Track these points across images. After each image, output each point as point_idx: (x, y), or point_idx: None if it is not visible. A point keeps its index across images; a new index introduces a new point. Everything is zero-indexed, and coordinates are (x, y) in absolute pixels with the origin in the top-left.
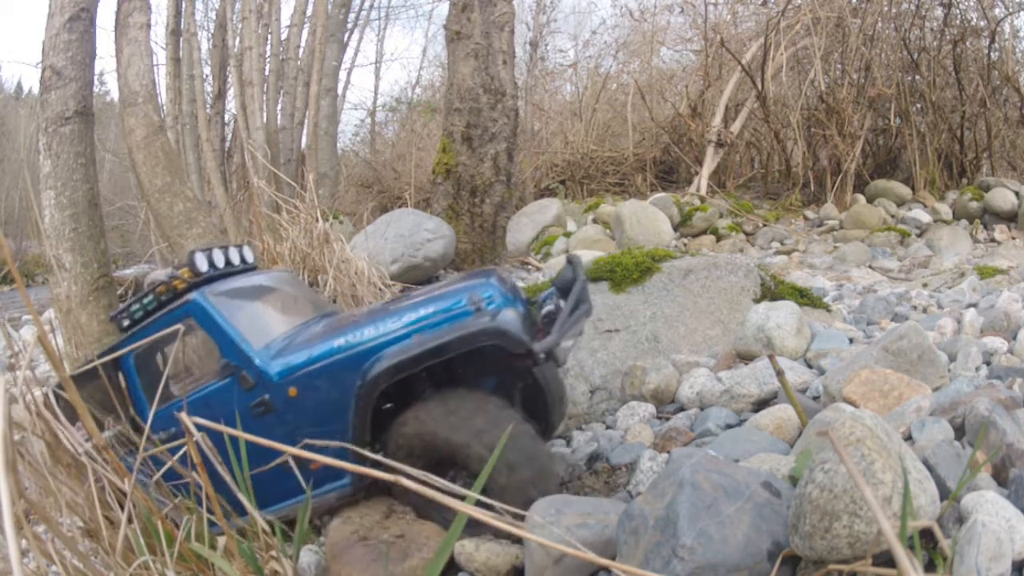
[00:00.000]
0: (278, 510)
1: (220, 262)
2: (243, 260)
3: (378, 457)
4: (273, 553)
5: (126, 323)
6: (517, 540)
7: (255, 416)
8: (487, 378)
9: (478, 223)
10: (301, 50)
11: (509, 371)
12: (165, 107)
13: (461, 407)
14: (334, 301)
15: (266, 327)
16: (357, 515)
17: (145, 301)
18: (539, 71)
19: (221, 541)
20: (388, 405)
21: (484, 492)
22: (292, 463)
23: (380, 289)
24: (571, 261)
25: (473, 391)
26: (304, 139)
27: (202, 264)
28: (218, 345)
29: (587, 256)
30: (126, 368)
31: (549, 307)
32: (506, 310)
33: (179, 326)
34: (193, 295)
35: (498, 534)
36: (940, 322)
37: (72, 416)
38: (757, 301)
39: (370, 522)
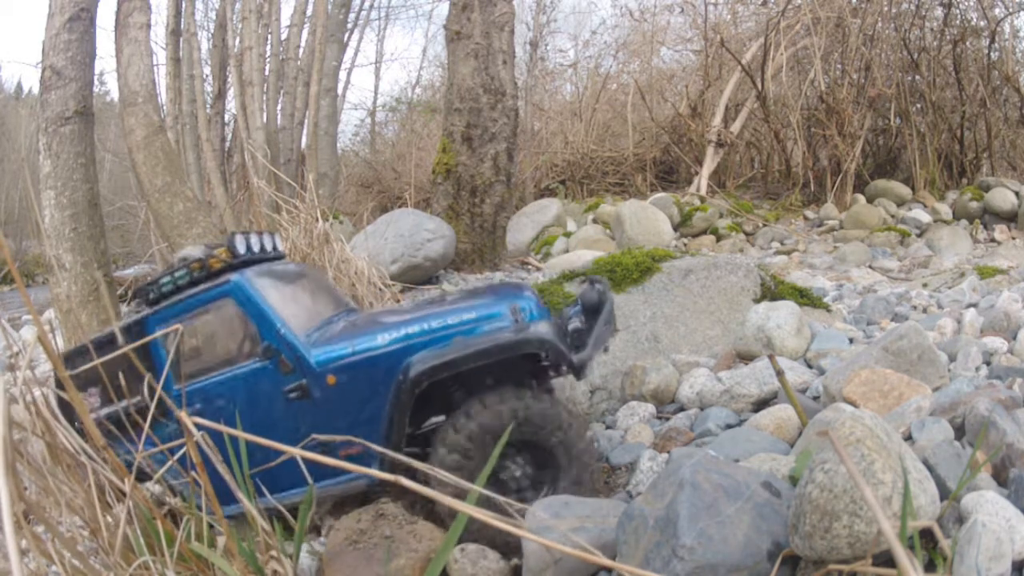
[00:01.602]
0: (302, 494)
1: (256, 247)
2: (275, 248)
3: (391, 453)
4: (273, 553)
5: (152, 297)
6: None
7: (288, 400)
8: (510, 379)
9: (478, 223)
10: (301, 50)
11: (526, 377)
12: (165, 107)
13: (533, 394)
14: None
15: (302, 314)
16: (351, 520)
17: (177, 275)
18: (539, 71)
19: (221, 541)
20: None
21: (560, 466)
22: (306, 474)
23: (380, 289)
24: (594, 283)
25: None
26: (304, 139)
27: (241, 246)
28: (258, 328)
29: (587, 256)
30: (153, 342)
31: (576, 324)
32: (543, 322)
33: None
34: (235, 276)
35: (496, 539)
36: (940, 322)
37: (70, 413)
38: (757, 301)
39: (361, 527)
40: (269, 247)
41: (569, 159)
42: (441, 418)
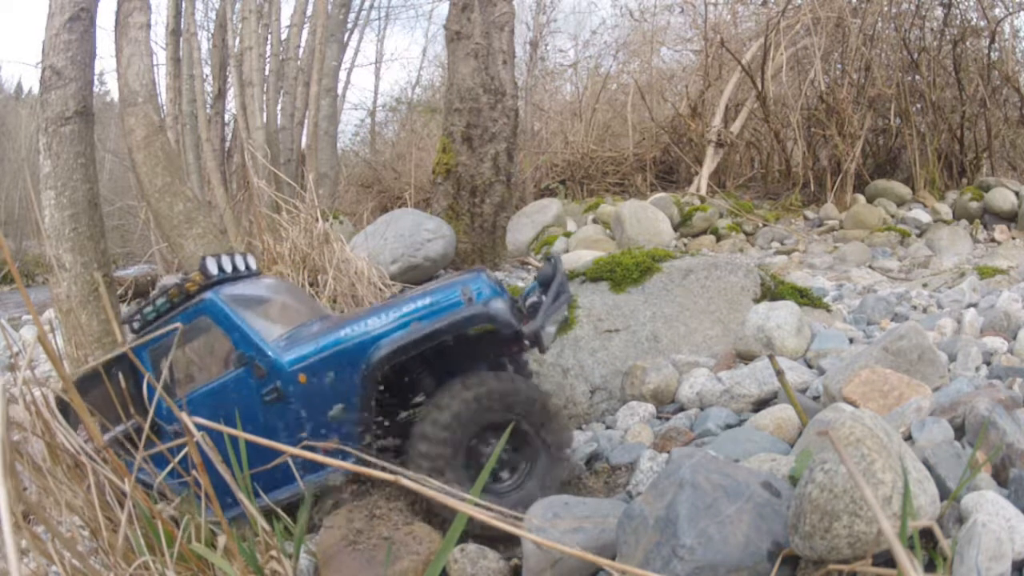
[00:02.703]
0: (286, 492)
1: (228, 267)
2: (248, 267)
3: (375, 460)
4: (273, 553)
5: (137, 326)
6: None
7: (267, 403)
8: (480, 363)
9: (478, 223)
10: (301, 50)
11: (500, 356)
12: (165, 107)
13: (497, 376)
14: (334, 301)
15: (274, 323)
16: (343, 520)
17: (158, 303)
18: (539, 71)
19: (221, 541)
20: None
21: (532, 441)
22: (298, 477)
23: (380, 289)
24: (550, 258)
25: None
26: (304, 139)
27: (212, 268)
28: (231, 338)
29: (587, 256)
30: (145, 367)
31: (533, 299)
32: (495, 299)
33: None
34: (207, 294)
35: (494, 539)
36: (940, 322)
37: (77, 423)
38: (757, 301)
39: (357, 526)
40: (242, 266)
41: (569, 159)
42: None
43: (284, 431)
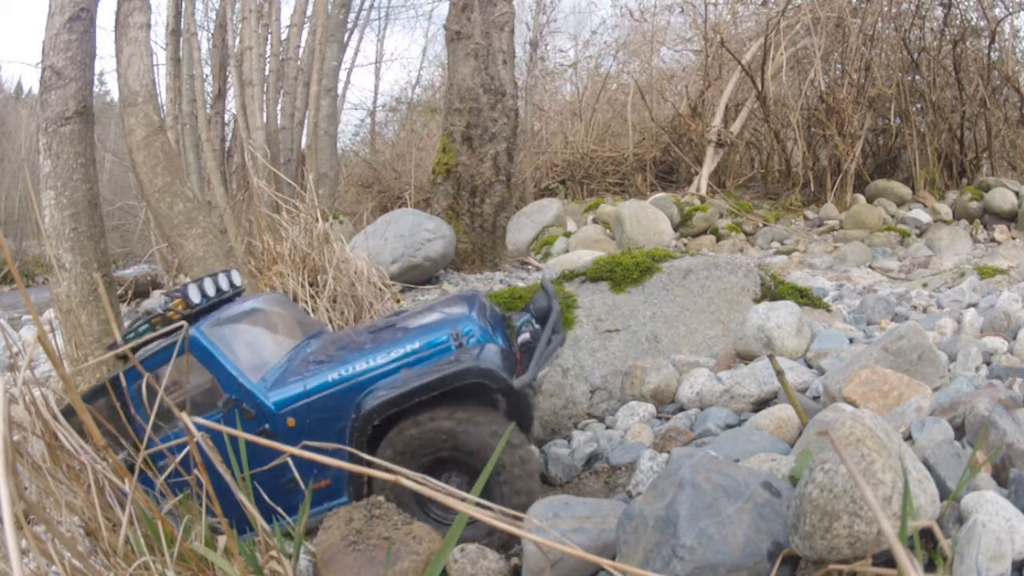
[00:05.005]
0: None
1: (211, 291)
2: (232, 285)
3: (376, 460)
4: (273, 553)
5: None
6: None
7: (258, 445)
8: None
9: (478, 223)
10: (301, 50)
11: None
12: (165, 107)
13: (460, 411)
14: (334, 301)
15: (261, 355)
16: (341, 521)
17: (140, 331)
18: (539, 71)
19: (221, 541)
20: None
21: (489, 485)
22: (298, 477)
23: (380, 289)
24: (545, 289)
25: (466, 401)
26: (304, 139)
27: (195, 295)
28: (217, 379)
29: (587, 256)
30: (131, 396)
31: (525, 335)
32: (487, 345)
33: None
34: (191, 331)
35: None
36: (940, 322)
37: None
38: (757, 301)
39: (357, 527)
40: (226, 286)
41: (569, 159)
42: None
43: (273, 472)
